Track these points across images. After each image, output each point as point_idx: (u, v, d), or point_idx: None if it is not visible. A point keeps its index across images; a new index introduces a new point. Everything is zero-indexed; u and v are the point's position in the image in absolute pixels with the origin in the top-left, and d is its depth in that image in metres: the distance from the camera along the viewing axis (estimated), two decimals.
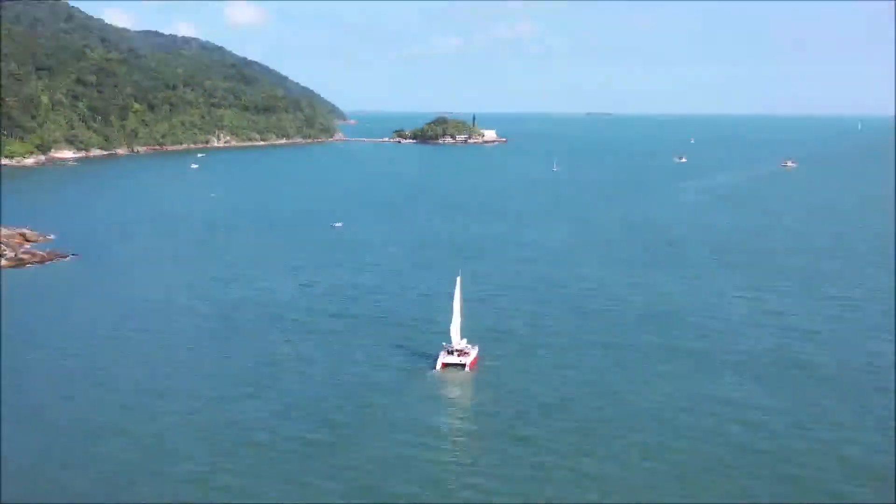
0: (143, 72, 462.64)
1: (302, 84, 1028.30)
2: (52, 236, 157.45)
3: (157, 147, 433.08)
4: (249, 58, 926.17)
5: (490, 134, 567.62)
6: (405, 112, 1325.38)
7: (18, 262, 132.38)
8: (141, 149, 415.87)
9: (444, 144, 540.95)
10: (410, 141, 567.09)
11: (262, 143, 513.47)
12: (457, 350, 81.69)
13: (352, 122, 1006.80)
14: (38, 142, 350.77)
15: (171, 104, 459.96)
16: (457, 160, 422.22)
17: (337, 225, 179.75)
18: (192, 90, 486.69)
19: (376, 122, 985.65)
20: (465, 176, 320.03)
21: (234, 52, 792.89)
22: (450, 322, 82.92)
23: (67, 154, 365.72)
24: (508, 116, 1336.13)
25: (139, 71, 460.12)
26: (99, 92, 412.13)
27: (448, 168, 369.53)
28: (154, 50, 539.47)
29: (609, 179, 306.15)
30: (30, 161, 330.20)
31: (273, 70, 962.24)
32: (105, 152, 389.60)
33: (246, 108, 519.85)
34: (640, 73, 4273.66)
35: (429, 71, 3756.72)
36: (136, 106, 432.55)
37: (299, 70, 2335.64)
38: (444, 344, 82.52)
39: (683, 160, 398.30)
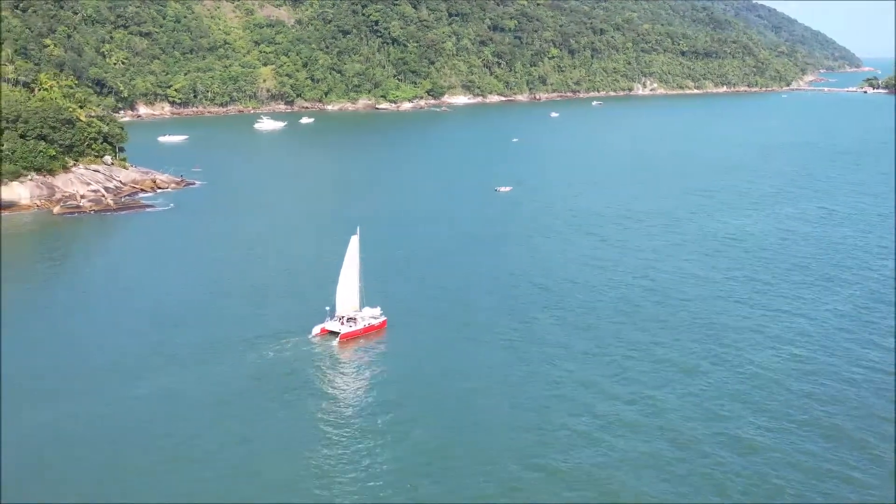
0: (571, 15, 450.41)
1: (813, 28, 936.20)
2: (198, 182, 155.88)
3: (570, 94, 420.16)
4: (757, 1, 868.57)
5: None
6: None
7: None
8: (545, 95, 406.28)
9: None
10: (881, 91, 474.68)
11: (695, 91, 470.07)
12: (340, 317, 75.52)
13: (866, 69, 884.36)
14: (429, 87, 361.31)
15: (594, 49, 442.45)
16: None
17: (503, 189, 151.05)
18: (623, 34, 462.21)
19: None
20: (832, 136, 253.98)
21: None
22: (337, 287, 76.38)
23: (461, 99, 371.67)
24: None
25: (566, 15, 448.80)
26: (516, 38, 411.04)
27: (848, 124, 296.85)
28: None
29: None
30: (407, 105, 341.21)
31: (778, 12, 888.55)
32: (503, 98, 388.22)
33: (682, 53, 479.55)
34: None
35: None
36: (554, 51, 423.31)
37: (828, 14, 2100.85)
38: (327, 308, 76.09)
39: None
